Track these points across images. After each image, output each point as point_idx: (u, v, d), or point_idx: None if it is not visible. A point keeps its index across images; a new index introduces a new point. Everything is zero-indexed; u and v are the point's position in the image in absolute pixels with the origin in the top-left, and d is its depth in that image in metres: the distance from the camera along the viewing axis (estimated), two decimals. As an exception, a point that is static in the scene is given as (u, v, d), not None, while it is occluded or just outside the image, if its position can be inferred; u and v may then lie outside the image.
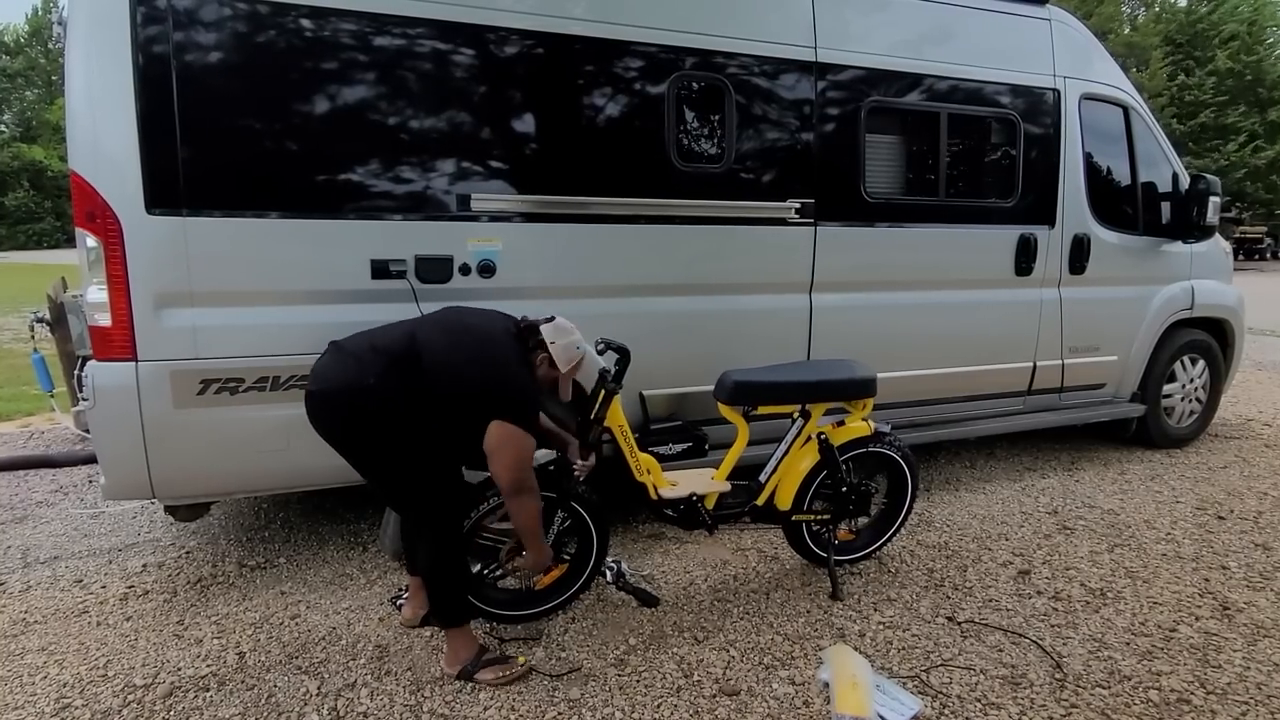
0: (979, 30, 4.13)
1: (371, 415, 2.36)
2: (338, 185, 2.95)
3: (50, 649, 2.70)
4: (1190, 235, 4.80)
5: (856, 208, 3.86)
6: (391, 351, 2.41)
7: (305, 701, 2.40)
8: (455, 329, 2.54)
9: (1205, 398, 5.21)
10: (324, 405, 2.41)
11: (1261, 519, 3.90)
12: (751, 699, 2.41)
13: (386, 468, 2.48)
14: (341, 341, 2.52)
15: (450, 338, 2.49)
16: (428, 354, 2.41)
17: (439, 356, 2.42)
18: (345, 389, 2.38)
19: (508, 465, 2.40)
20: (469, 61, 3.09)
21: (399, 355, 2.40)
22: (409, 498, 2.54)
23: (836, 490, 3.12)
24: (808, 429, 3.09)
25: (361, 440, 2.42)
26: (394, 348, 2.43)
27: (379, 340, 2.48)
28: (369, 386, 2.35)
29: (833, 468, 3.08)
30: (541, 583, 2.89)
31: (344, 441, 2.45)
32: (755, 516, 3.11)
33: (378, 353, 2.41)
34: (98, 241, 2.68)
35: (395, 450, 2.41)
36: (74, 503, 4.15)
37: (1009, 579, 3.24)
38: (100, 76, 2.64)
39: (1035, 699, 2.42)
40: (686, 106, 3.49)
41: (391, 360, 2.39)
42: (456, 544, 2.55)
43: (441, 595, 2.52)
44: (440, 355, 2.42)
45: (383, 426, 2.36)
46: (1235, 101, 28.34)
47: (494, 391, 2.42)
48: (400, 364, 2.39)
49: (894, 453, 3.23)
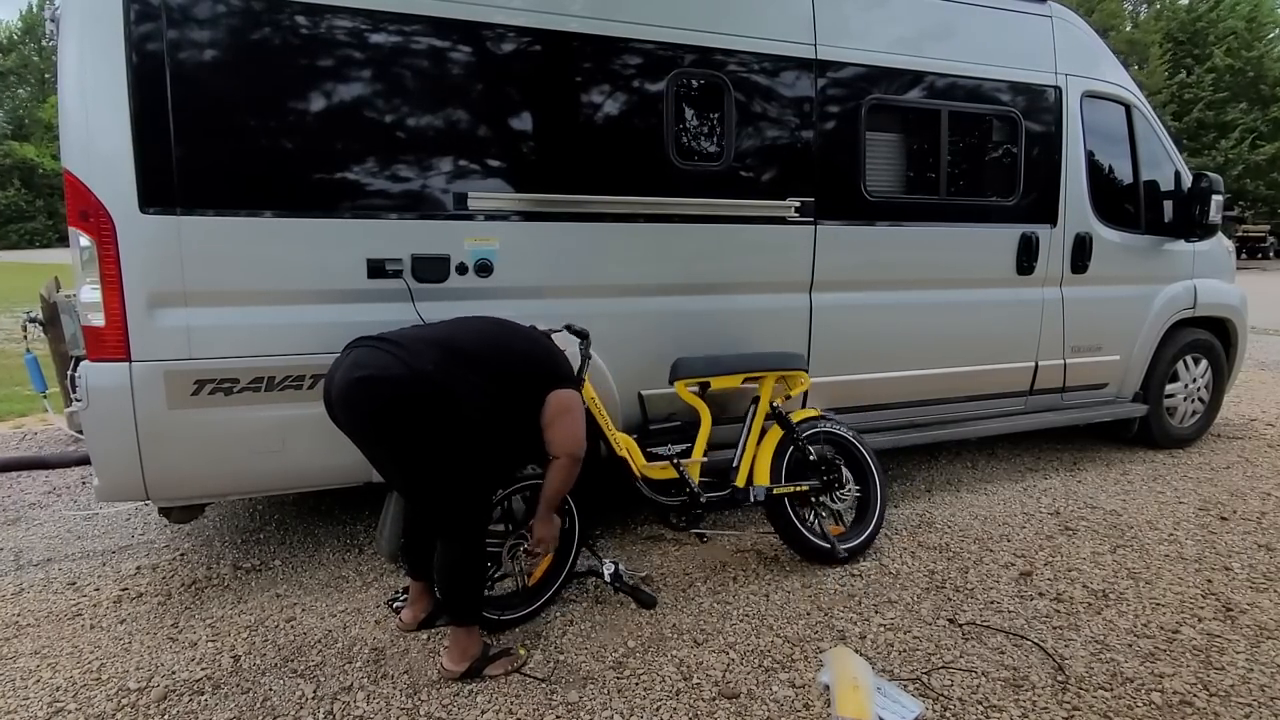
0: (980, 27, 4.11)
1: (424, 401, 2.33)
2: (333, 184, 2.93)
3: (43, 652, 2.67)
4: (1193, 234, 4.77)
5: (857, 206, 3.83)
6: (440, 341, 2.47)
7: (301, 705, 2.37)
8: (488, 321, 2.69)
9: (1208, 398, 5.18)
10: (368, 392, 2.34)
11: (1265, 520, 3.88)
12: (751, 702, 2.39)
13: (421, 460, 2.41)
14: (371, 337, 2.50)
15: (490, 325, 2.66)
16: (473, 342, 2.52)
17: (487, 340, 2.56)
18: (401, 376, 2.33)
19: (572, 430, 2.53)
20: (465, 59, 3.07)
21: (449, 345, 2.46)
22: (437, 493, 2.47)
23: (806, 461, 3.33)
24: (761, 406, 3.34)
25: (401, 430, 2.34)
26: (440, 339, 2.50)
27: (422, 333, 2.54)
28: (428, 372, 2.34)
29: (795, 438, 3.32)
30: (534, 577, 2.90)
31: (379, 432, 2.38)
32: (740, 497, 3.22)
33: (427, 343, 2.44)
34: (91, 241, 2.66)
35: (438, 441, 2.37)
36: (67, 504, 4.13)
37: (1011, 580, 3.21)
38: (93, 74, 2.62)
39: (1037, 701, 2.40)
40: (685, 104, 3.47)
41: (444, 349, 2.43)
42: (483, 541, 2.57)
43: (460, 593, 2.52)
44: (489, 339, 2.56)
45: (434, 414, 2.34)
46: (1236, 98, 28.32)
47: (546, 363, 2.62)
48: (453, 352, 2.44)
49: (842, 431, 3.47)
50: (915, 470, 4.64)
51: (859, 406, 4.01)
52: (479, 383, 2.42)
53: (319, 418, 2.93)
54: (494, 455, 2.55)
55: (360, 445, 2.50)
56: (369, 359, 2.39)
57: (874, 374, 3.97)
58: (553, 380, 2.58)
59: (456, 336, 2.53)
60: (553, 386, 2.56)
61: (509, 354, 2.55)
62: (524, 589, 2.89)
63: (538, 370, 2.58)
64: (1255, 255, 31.24)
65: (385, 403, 2.33)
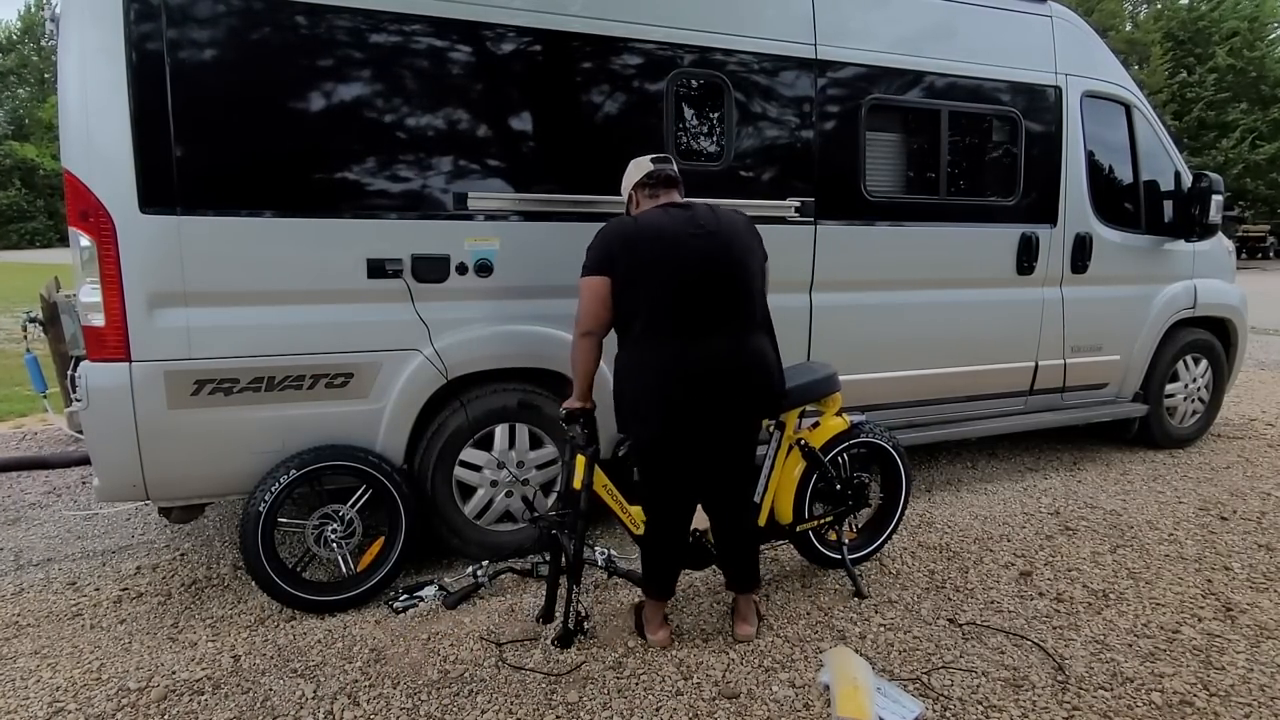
0: (980, 27, 4.11)
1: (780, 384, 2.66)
2: (333, 184, 2.93)
3: (43, 652, 2.67)
4: (1193, 234, 4.77)
5: (857, 206, 3.83)
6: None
7: (301, 705, 2.37)
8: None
9: (1208, 397, 5.18)
10: (753, 375, 2.57)
11: (1265, 519, 3.88)
12: (751, 702, 2.39)
13: (752, 443, 2.72)
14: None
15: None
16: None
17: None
18: (775, 359, 2.65)
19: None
20: (465, 59, 3.07)
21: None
22: (747, 474, 2.80)
23: (831, 490, 3.11)
24: (786, 439, 3.03)
25: (754, 414, 2.65)
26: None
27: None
28: (777, 359, 2.66)
29: (821, 469, 3.05)
30: (362, 563, 3.01)
31: (742, 417, 2.61)
32: (761, 538, 3.02)
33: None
34: (91, 241, 2.66)
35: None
36: (67, 504, 4.13)
37: (1011, 580, 3.21)
38: (93, 74, 2.62)
39: (1037, 701, 2.40)
40: (685, 104, 3.47)
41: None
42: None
43: (755, 560, 2.80)
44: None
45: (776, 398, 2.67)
46: (1237, 98, 28.29)
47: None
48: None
49: (878, 440, 3.22)
50: (915, 470, 4.63)
51: (859, 407, 4.00)
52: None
53: (319, 417, 2.96)
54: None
55: (704, 429, 2.56)
56: (745, 345, 2.56)
57: (874, 374, 3.97)
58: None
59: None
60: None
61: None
62: (351, 576, 3.01)
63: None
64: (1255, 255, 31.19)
65: (760, 386, 2.59)
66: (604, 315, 2.55)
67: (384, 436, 3.06)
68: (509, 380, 3.26)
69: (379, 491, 3.00)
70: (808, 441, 3.03)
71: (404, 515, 3.02)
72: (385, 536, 3.06)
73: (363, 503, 3.02)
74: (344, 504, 3.01)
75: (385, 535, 3.07)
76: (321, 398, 2.95)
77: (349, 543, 3.04)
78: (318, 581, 3.05)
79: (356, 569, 3.03)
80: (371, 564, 3.02)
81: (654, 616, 2.73)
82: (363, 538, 3.10)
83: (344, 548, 3.03)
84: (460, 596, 2.98)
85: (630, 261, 2.49)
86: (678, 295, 2.47)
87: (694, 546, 2.93)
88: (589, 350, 2.60)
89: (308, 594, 2.92)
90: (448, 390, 3.14)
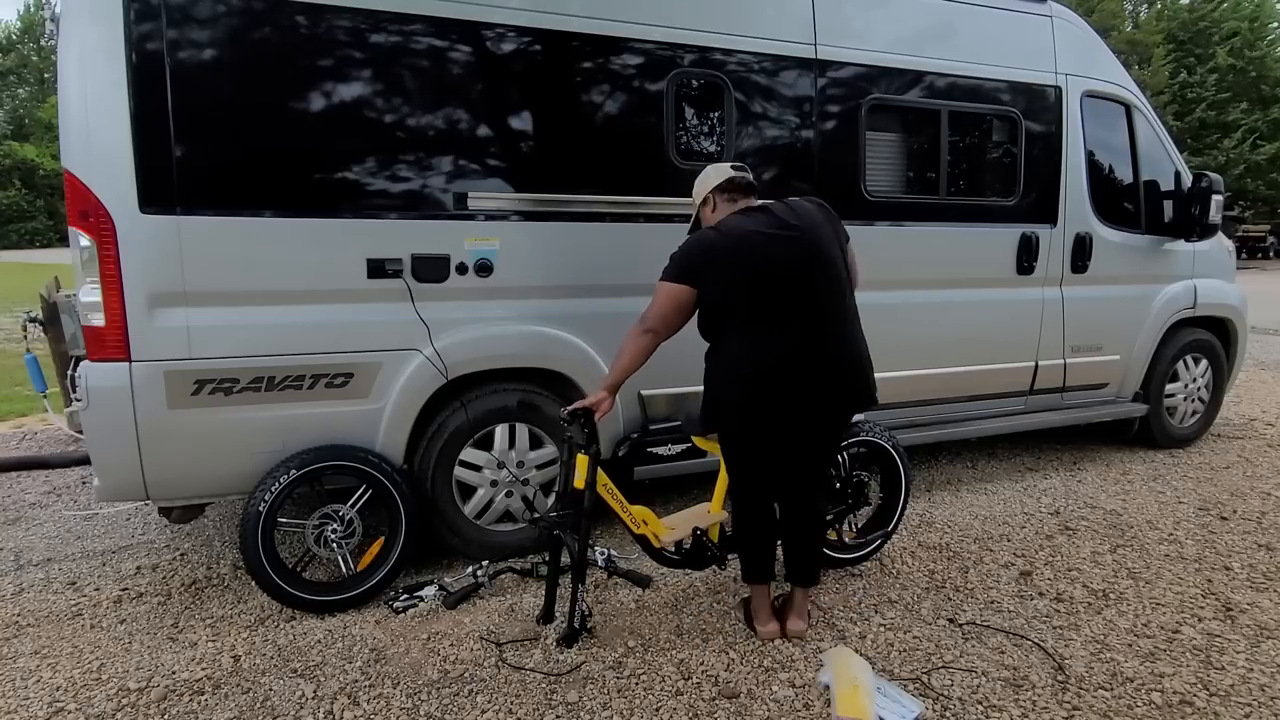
0: (980, 27, 4.11)
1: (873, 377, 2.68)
2: (333, 184, 2.93)
3: (43, 652, 2.67)
4: (1193, 234, 4.76)
5: (856, 206, 3.83)
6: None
7: (301, 705, 2.37)
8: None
9: (1208, 397, 5.18)
10: (849, 370, 2.62)
11: (1265, 519, 3.88)
12: (751, 702, 2.39)
13: (840, 436, 2.80)
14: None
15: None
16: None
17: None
18: (865, 355, 2.67)
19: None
20: (466, 59, 3.07)
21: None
22: (829, 465, 2.88)
23: (831, 488, 3.13)
24: None
25: (849, 409, 2.71)
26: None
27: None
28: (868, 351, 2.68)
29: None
30: (362, 563, 3.01)
31: (837, 412, 2.67)
32: None
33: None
34: (91, 241, 2.66)
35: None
36: (67, 504, 4.13)
37: (1011, 580, 3.21)
38: (93, 74, 2.62)
39: (1037, 701, 2.40)
40: (685, 104, 3.47)
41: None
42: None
43: (820, 553, 2.84)
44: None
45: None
46: (1237, 98, 28.29)
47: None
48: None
49: (877, 439, 3.24)
50: (915, 470, 4.63)
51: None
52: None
53: (319, 417, 2.96)
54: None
55: (798, 422, 2.58)
56: (842, 339, 2.60)
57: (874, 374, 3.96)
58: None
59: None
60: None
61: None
62: (351, 576, 3.02)
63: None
64: (1255, 255, 31.22)
65: (859, 382, 2.64)
66: (674, 321, 2.60)
67: (384, 436, 3.06)
68: (509, 380, 3.26)
69: (379, 491, 3.00)
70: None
71: (404, 515, 3.02)
72: (385, 536, 3.06)
73: (363, 503, 3.02)
74: (344, 504, 3.01)
75: (385, 535, 3.07)
76: (321, 398, 2.95)
77: (349, 543, 3.04)
78: (318, 581, 3.06)
79: (356, 569, 3.03)
80: (371, 564, 3.02)
81: (761, 606, 2.76)
82: (363, 538, 3.10)
83: (344, 548, 3.03)
84: (460, 596, 2.98)
85: (717, 271, 2.52)
86: (768, 294, 2.49)
87: (695, 546, 2.93)
88: (646, 346, 2.62)
89: (308, 594, 2.92)
90: (448, 390, 3.14)
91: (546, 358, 3.28)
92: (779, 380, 2.51)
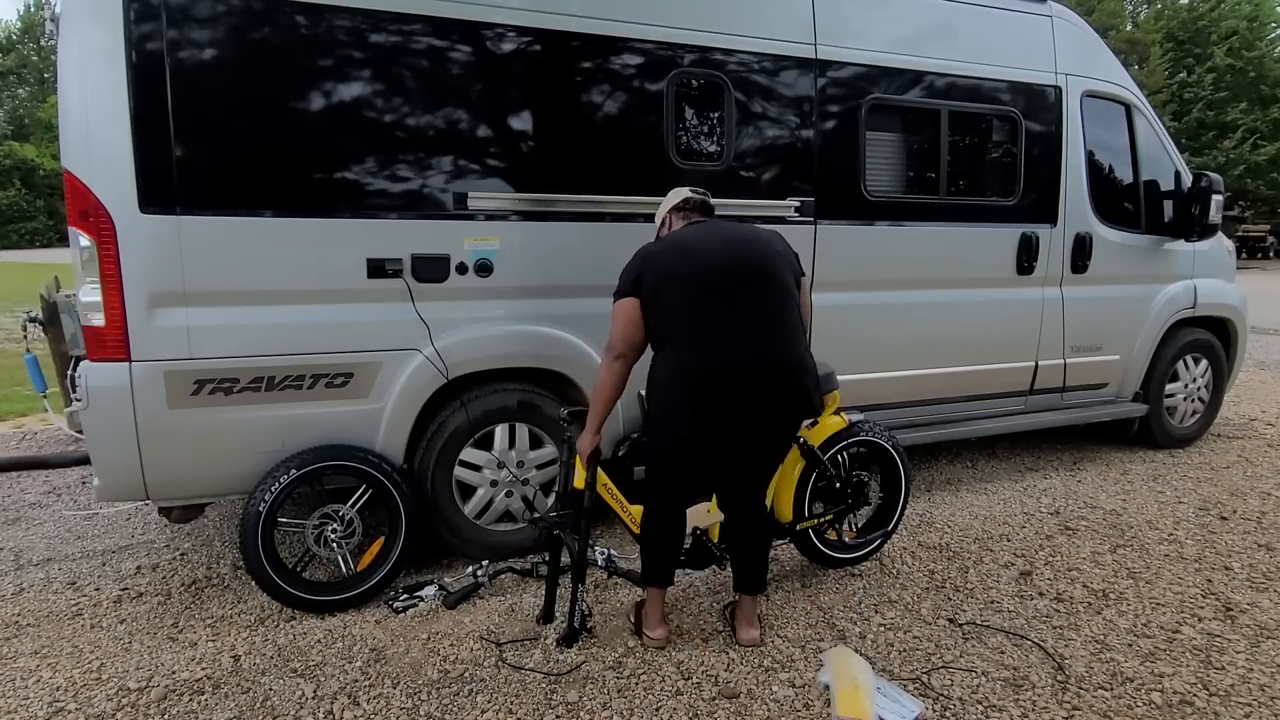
0: (980, 27, 4.11)
1: (816, 386, 2.59)
2: (333, 184, 2.93)
3: (43, 652, 2.67)
4: (1193, 234, 4.77)
5: (856, 206, 3.83)
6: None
7: (301, 705, 2.37)
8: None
9: (1208, 397, 5.18)
10: (790, 379, 2.51)
11: (1265, 519, 3.88)
12: (751, 702, 2.39)
13: (786, 446, 2.74)
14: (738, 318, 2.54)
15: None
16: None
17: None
18: (810, 365, 2.56)
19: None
20: (466, 59, 3.07)
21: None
22: (770, 475, 2.81)
23: (831, 488, 3.12)
24: None
25: (793, 419, 2.62)
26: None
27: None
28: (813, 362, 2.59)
29: (821, 468, 3.07)
30: (362, 563, 3.00)
31: (780, 421, 2.58)
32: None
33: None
34: (91, 241, 2.66)
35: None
36: (67, 504, 4.13)
37: (1011, 580, 3.21)
38: (93, 74, 2.62)
39: (1037, 701, 2.40)
40: (685, 104, 3.47)
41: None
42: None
43: (767, 561, 2.77)
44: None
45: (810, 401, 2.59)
46: (1237, 98, 28.29)
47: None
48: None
49: (877, 439, 3.23)
50: (915, 470, 4.63)
51: (859, 407, 4.00)
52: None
53: (319, 417, 2.96)
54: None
55: (738, 432, 2.51)
56: (780, 347, 2.52)
57: (874, 374, 3.97)
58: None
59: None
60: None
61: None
62: (351, 575, 3.02)
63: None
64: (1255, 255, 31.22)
65: (792, 389, 2.52)
66: (635, 336, 2.54)
67: (384, 436, 3.06)
68: (509, 380, 3.26)
69: (379, 491, 3.00)
70: (807, 440, 3.04)
71: (404, 515, 3.02)
72: (385, 536, 3.06)
73: (363, 503, 3.02)
74: (344, 504, 3.01)
75: (385, 535, 3.07)
76: (321, 398, 2.95)
77: (349, 543, 3.04)
78: (318, 581, 3.05)
79: (356, 569, 3.03)
80: (371, 564, 3.02)
81: (654, 611, 2.72)
82: (363, 538, 3.10)
83: (344, 548, 3.03)
84: (460, 596, 2.98)
85: (655, 276, 2.50)
86: (705, 300, 2.46)
87: (695, 546, 2.93)
88: (618, 375, 2.55)
89: (308, 594, 2.92)
90: (448, 390, 3.14)
91: (546, 358, 3.28)
92: (722, 390, 2.44)
